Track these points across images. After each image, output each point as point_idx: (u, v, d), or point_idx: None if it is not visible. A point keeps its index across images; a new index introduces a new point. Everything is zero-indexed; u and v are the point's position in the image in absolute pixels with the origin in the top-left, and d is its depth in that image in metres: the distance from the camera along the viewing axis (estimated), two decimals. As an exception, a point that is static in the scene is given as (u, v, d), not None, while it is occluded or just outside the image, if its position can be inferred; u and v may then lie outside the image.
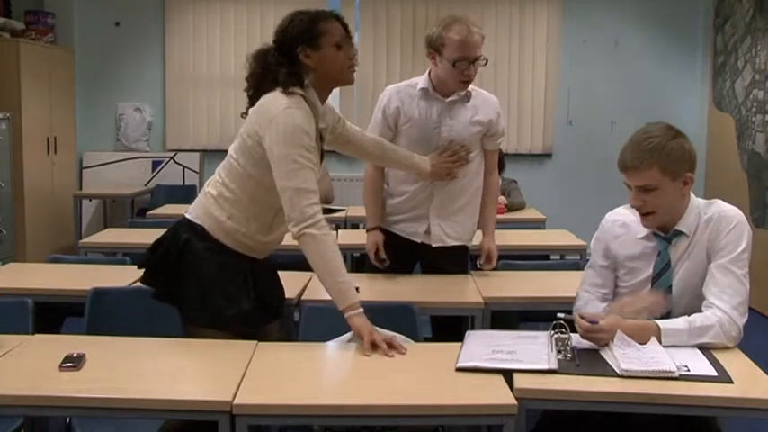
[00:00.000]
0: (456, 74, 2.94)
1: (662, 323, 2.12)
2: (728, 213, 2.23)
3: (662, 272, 2.27)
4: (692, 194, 2.28)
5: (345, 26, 2.39)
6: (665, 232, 2.28)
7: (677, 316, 2.18)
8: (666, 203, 2.21)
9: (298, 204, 2.20)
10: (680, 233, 2.25)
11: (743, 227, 2.21)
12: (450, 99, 3.04)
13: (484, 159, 3.18)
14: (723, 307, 2.12)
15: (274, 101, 2.25)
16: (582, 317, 2.12)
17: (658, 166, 2.15)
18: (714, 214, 2.24)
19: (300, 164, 2.19)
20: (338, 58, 2.33)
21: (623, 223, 2.36)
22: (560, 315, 2.14)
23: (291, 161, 2.19)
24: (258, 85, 2.33)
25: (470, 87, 3.06)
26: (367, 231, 3.23)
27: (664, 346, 2.07)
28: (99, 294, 2.74)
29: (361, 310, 2.21)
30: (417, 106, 3.05)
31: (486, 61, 2.99)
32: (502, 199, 5.22)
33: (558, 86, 6.91)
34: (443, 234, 3.14)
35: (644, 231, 2.30)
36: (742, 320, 2.14)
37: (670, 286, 2.25)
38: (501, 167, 5.53)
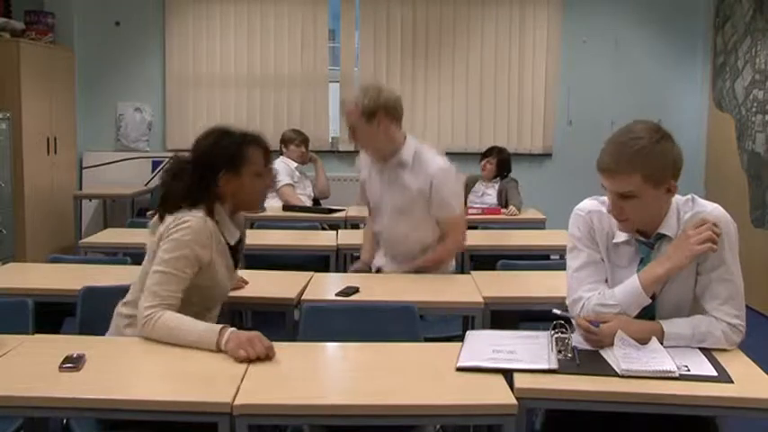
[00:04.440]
0: None
1: (667, 327, 2.10)
2: (714, 215, 2.11)
3: None
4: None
5: (267, 151, 2.39)
6: (646, 237, 2.16)
7: (664, 318, 2.14)
8: (645, 212, 2.08)
9: (142, 305, 2.20)
10: (663, 236, 2.14)
11: (728, 228, 2.11)
12: (390, 163, 3.17)
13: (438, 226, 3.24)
14: (726, 319, 2.10)
15: (178, 216, 2.27)
16: (586, 318, 2.11)
17: (641, 174, 1.99)
18: (697, 214, 2.12)
19: (167, 272, 2.21)
20: (255, 187, 2.36)
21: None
22: (556, 311, 2.14)
23: (162, 263, 2.21)
24: (170, 199, 2.32)
25: (414, 151, 3.13)
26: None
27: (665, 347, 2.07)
28: (90, 292, 2.71)
29: (227, 334, 2.09)
30: (370, 175, 3.30)
31: (354, 130, 3.10)
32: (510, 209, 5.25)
33: (558, 86, 6.91)
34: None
35: (623, 237, 2.18)
36: (743, 323, 2.13)
37: (654, 293, 2.14)
38: (508, 170, 5.58)
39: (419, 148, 3.17)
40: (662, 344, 2.08)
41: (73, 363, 1.97)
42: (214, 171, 2.31)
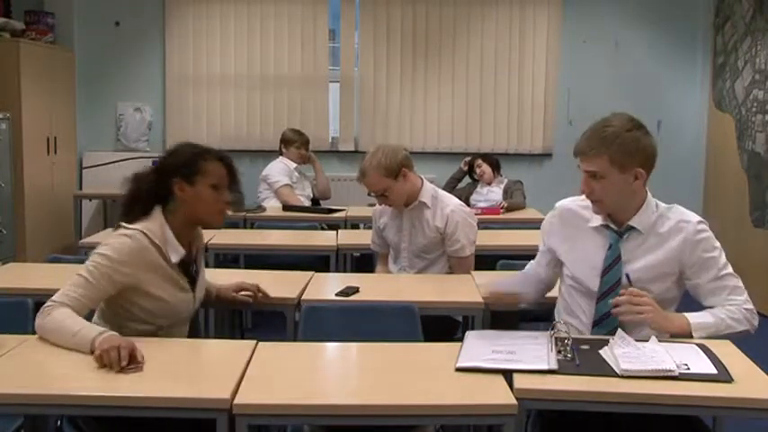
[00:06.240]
0: None
1: (691, 319, 2.20)
2: (698, 227, 2.26)
3: (612, 264, 2.30)
4: (648, 193, 2.32)
5: (231, 169, 2.39)
6: (618, 226, 2.31)
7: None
8: (613, 194, 2.24)
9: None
10: (632, 228, 2.29)
11: (709, 233, 2.27)
12: (409, 208, 3.34)
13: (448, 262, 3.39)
14: (738, 304, 2.22)
15: (120, 231, 2.29)
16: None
17: (608, 156, 2.18)
18: (679, 223, 2.27)
19: (84, 277, 2.20)
20: (210, 199, 2.33)
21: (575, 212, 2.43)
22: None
23: (84, 269, 2.21)
24: (130, 210, 2.34)
25: (431, 195, 3.34)
26: None
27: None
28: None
29: (101, 338, 2.03)
30: (389, 218, 3.43)
31: (386, 194, 3.26)
32: (502, 203, 5.32)
33: (557, 86, 6.90)
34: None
35: (597, 222, 2.34)
36: (753, 307, 2.24)
37: (619, 279, 2.28)
38: (498, 167, 5.75)
39: (435, 191, 3.39)
40: (691, 336, 2.16)
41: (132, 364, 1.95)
42: (168, 176, 2.32)
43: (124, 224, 2.30)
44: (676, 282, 2.30)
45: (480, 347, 2.11)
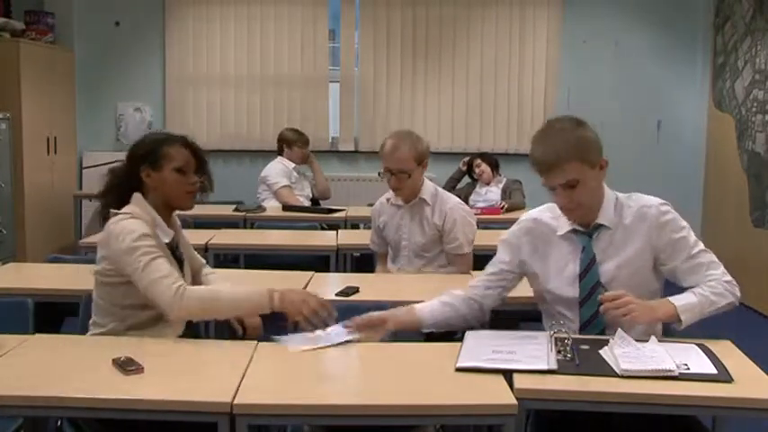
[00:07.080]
0: (388, 182, 3.30)
1: (675, 301, 2.17)
2: (661, 209, 2.26)
3: (588, 267, 2.29)
4: (605, 186, 2.31)
5: (196, 153, 2.45)
6: (585, 227, 2.30)
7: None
8: (590, 194, 2.24)
9: (158, 296, 2.20)
10: (601, 226, 2.28)
11: (674, 214, 2.27)
12: (409, 204, 3.35)
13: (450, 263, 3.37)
14: (716, 278, 2.21)
15: (108, 225, 2.34)
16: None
17: (578, 158, 2.17)
18: (641, 209, 2.26)
19: (150, 258, 2.23)
20: (176, 182, 2.39)
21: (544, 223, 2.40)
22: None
23: (143, 258, 2.22)
24: (106, 202, 2.43)
25: (431, 192, 3.34)
26: None
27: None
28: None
29: (277, 295, 2.24)
30: (389, 216, 3.44)
31: (410, 175, 3.22)
32: (502, 203, 5.33)
33: (557, 87, 6.91)
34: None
35: (565, 228, 2.32)
36: (732, 278, 2.23)
37: (599, 281, 2.27)
38: (497, 167, 5.76)
39: (436, 189, 3.40)
40: (680, 321, 2.14)
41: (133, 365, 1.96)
42: (137, 165, 2.40)
43: (113, 210, 2.35)
44: (653, 271, 2.30)
45: (480, 347, 2.11)
